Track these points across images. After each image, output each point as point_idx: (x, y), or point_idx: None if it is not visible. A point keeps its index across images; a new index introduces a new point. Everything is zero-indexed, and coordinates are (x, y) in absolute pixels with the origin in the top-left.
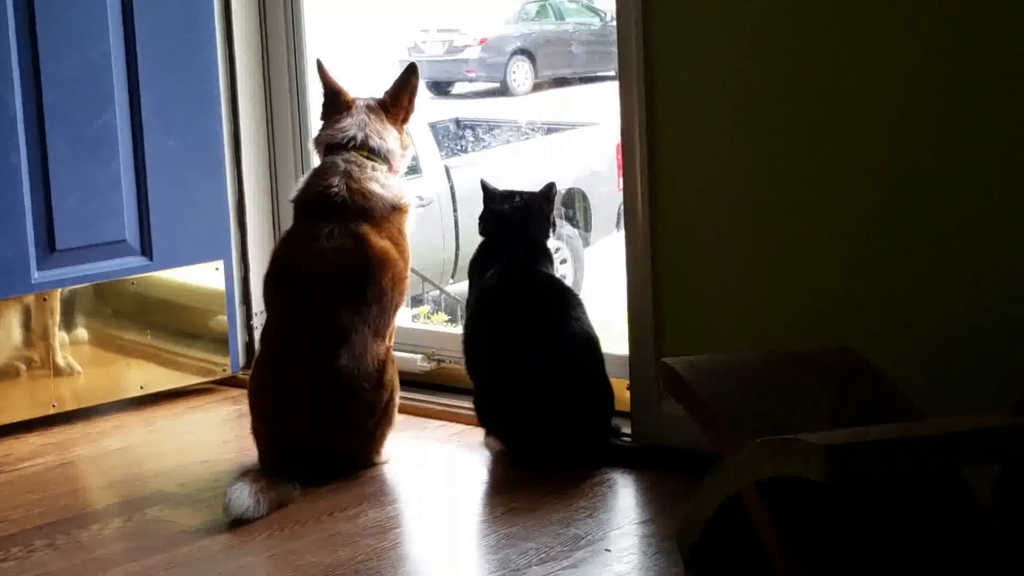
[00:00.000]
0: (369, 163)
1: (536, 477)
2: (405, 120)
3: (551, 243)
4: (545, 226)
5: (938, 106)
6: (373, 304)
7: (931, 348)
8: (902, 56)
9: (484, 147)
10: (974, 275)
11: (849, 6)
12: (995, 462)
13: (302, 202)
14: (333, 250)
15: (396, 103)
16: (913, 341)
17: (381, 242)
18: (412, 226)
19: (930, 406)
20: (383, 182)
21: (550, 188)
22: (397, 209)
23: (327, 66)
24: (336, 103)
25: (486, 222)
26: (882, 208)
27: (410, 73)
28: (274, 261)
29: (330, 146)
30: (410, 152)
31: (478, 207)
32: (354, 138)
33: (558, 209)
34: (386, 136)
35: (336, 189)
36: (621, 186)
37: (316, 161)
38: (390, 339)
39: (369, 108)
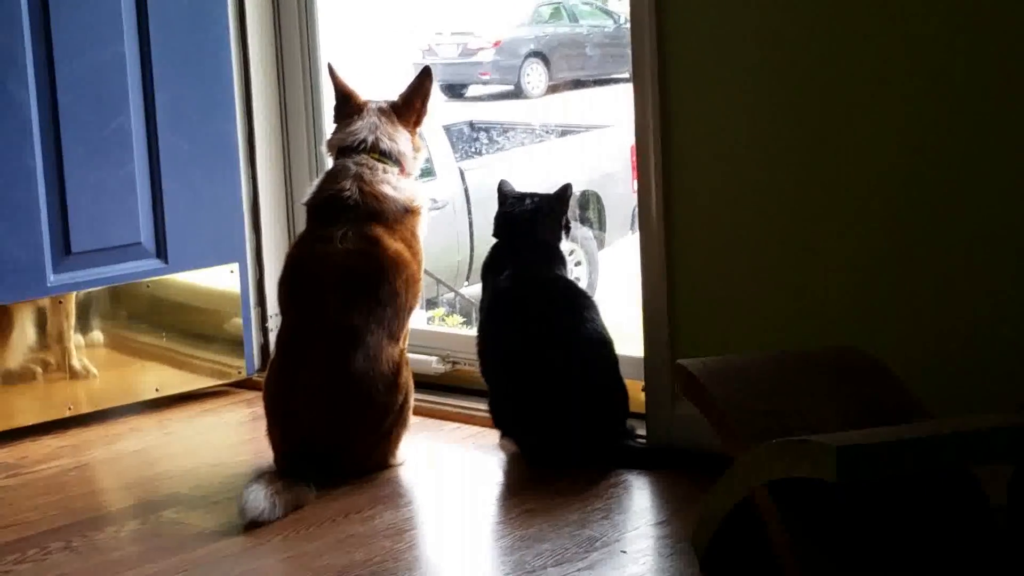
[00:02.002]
0: (380, 166)
1: (551, 479)
2: (418, 123)
3: (565, 245)
4: (557, 229)
5: (949, 108)
6: (387, 306)
7: (941, 347)
8: (914, 60)
9: (498, 149)
10: (984, 274)
11: (861, 9)
12: (1006, 461)
13: (314, 205)
14: (346, 253)
15: (409, 106)
16: (924, 341)
17: (394, 244)
18: (425, 228)
19: (940, 406)
20: (395, 184)
21: (565, 190)
22: (410, 211)
23: (338, 69)
24: (348, 106)
25: (498, 224)
26: (894, 210)
27: (424, 77)
28: (288, 264)
29: (342, 149)
30: (423, 155)
31: (492, 209)
32: (365, 141)
33: (573, 211)
34: (397, 139)
35: (348, 192)
36: (635, 188)
37: (330, 164)
38: (404, 341)
39: (381, 111)
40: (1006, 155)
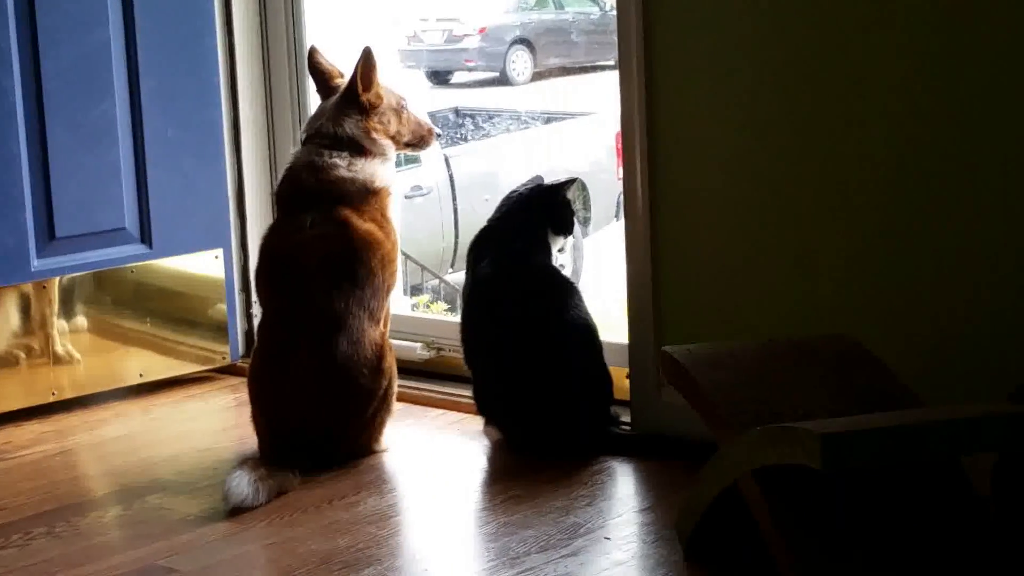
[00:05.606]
0: (326, 152)
1: (535, 465)
2: (366, 104)
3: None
4: (544, 218)
5: (940, 99)
6: (365, 287)
7: (930, 336)
8: (905, 48)
9: (483, 136)
10: (974, 263)
11: None
12: (993, 450)
13: (280, 196)
14: (318, 237)
15: (352, 88)
16: (913, 329)
17: (365, 225)
18: (396, 208)
19: (929, 394)
20: (347, 167)
21: (566, 183)
22: (372, 192)
23: (321, 52)
24: (323, 91)
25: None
26: (882, 197)
27: (360, 57)
28: (262, 255)
29: (304, 139)
30: (383, 134)
31: (477, 196)
32: (314, 128)
33: (577, 212)
34: (344, 122)
35: (304, 182)
36: (621, 175)
37: None
38: (386, 325)
39: (337, 96)
40: (999, 150)
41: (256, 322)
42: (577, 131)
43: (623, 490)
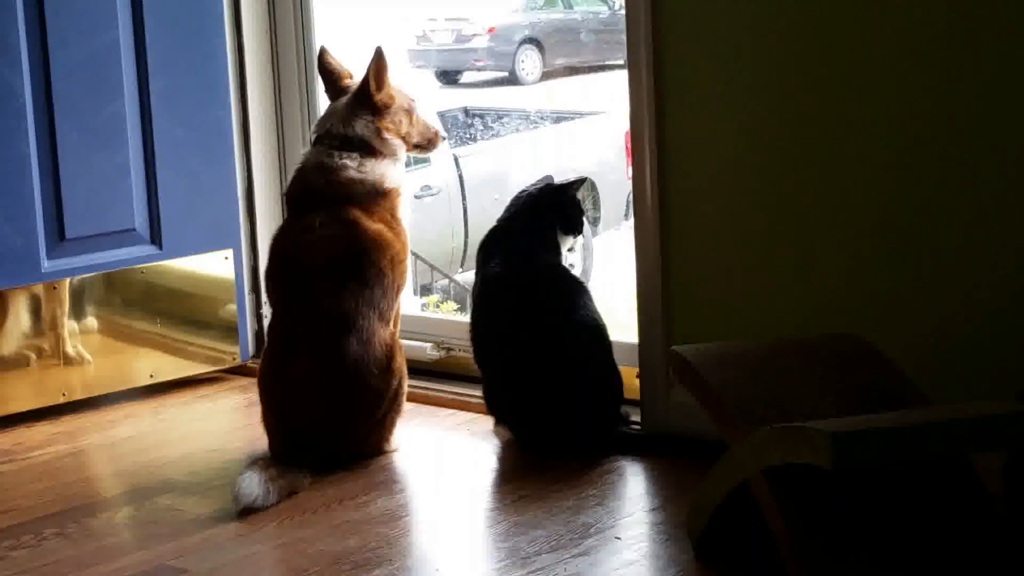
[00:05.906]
0: (336, 153)
1: (545, 465)
2: (378, 104)
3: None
4: (553, 218)
5: (940, 99)
6: (375, 287)
7: (938, 334)
8: (912, 45)
9: (493, 136)
10: (981, 261)
11: None
12: (1002, 448)
13: (290, 196)
14: (327, 238)
15: (364, 89)
16: (921, 328)
17: (374, 225)
18: (406, 209)
19: (929, 393)
20: (358, 168)
21: (574, 183)
22: (382, 193)
23: (330, 53)
24: (333, 91)
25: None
26: (890, 196)
27: (373, 59)
28: (272, 256)
29: (314, 139)
30: (394, 134)
31: (487, 196)
32: (325, 129)
33: (587, 211)
34: (354, 123)
35: (314, 182)
36: (630, 175)
37: None
38: (395, 324)
39: (349, 96)
40: (1002, 148)
41: (266, 322)
42: (586, 131)
43: (633, 490)
